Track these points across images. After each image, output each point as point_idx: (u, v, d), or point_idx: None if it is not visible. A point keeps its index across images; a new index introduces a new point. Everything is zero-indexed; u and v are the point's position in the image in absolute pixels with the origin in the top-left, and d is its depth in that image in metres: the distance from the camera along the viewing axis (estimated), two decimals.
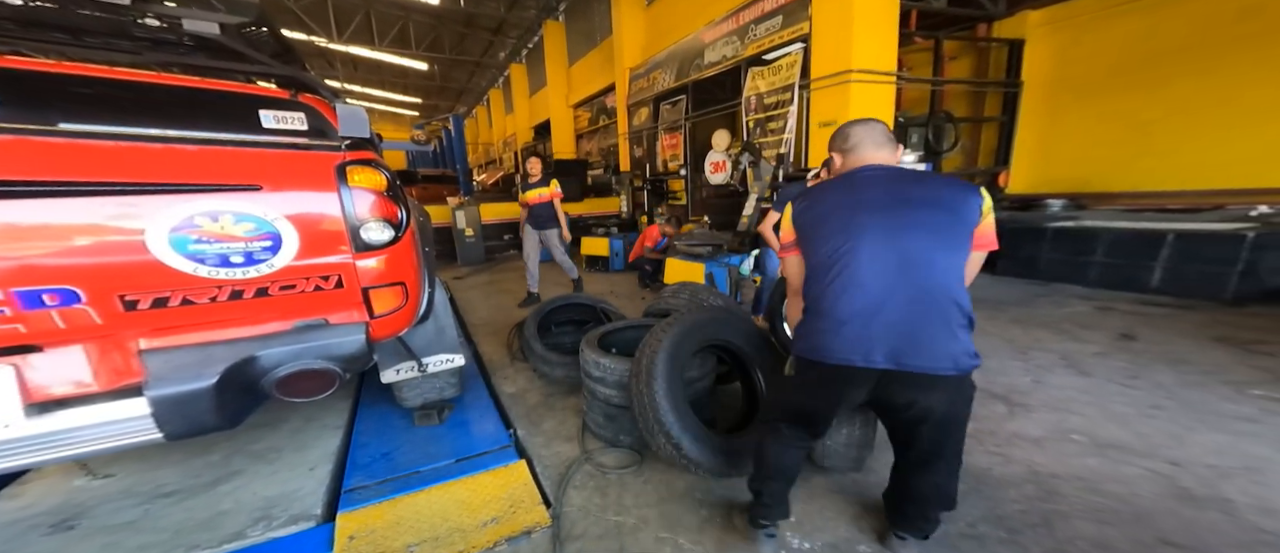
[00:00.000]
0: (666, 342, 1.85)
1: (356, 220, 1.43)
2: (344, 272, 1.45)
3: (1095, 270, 3.91)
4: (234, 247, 1.28)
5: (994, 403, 2.25)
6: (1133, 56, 4.32)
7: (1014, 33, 4.98)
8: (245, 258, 1.30)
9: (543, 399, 2.56)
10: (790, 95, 4.95)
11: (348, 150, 1.45)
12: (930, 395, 1.20)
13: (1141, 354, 2.70)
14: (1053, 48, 4.84)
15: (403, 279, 1.59)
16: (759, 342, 2.08)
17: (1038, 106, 5.02)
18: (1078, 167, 4.83)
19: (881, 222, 1.20)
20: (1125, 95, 4.42)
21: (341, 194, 1.40)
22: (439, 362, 2.19)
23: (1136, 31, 4.27)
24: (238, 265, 1.30)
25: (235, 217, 1.27)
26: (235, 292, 1.32)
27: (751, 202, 4.46)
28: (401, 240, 1.55)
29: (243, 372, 1.31)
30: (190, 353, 1.27)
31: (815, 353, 1.25)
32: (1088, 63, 4.64)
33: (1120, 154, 4.52)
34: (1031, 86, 5.00)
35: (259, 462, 1.96)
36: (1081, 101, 4.76)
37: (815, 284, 1.27)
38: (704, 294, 2.50)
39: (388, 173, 1.53)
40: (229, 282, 1.30)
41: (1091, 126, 4.69)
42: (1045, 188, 4.98)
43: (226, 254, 1.28)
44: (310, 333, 1.42)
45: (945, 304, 1.15)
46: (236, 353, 1.30)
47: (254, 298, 1.34)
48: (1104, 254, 3.84)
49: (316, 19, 11.27)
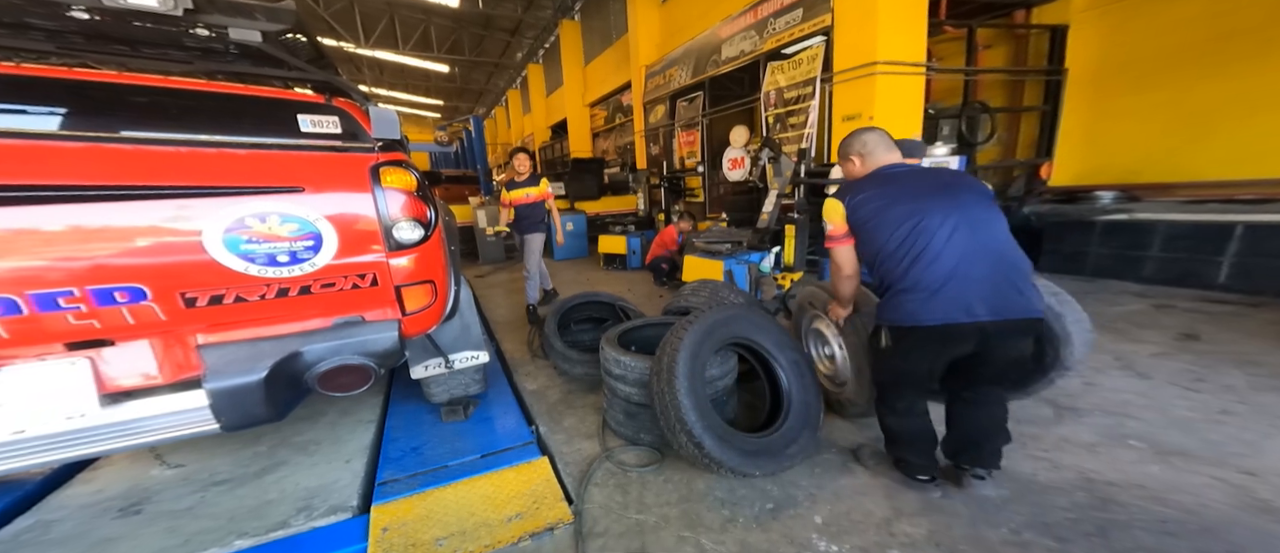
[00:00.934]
0: (688, 340, 1.84)
1: (389, 220, 1.49)
2: (378, 270, 1.51)
3: (1151, 266, 3.66)
4: (280, 246, 1.35)
5: (1039, 406, 2.13)
6: (1192, 39, 3.98)
7: (1056, 18, 4.68)
8: (290, 257, 1.37)
9: (563, 396, 2.59)
10: (811, 89, 4.82)
11: (380, 152, 1.51)
12: (1022, 339, 1.47)
13: (1206, 355, 2.51)
14: (1100, 32, 4.52)
15: (432, 277, 1.64)
16: (782, 340, 2.05)
17: (1083, 95, 4.71)
18: (1128, 156, 4.51)
19: (940, 202, 1.42)
20: (1182, 81, 4.09)
21: (376, 194, 1.47)
22: (465, 358, 2.25)
23: (1195, 13, 3.93)
24: (284, 265, 1.37)
25: (281, 218, 1.34)
26: (282, 289, 1.39)
27: (772, 198, 4.38)
28: (430, 239, 1.61)
29: (289, 366, 1.39)
30: (243, 348, 1.35)
31: (914, 318, 1.42)
32: (1140, 47, 4.32)
33: (1176, 142, 4.20)
34: (1076, 74, 4.69)
35: (301, 454, 2.05)
36: (1132, 88, 4.43)
37: (895, 266, 1.45)
38: (725, 292, 2.47)
39: (417, 173, 1.58)
40: (276, 280, 1.37)
41: (1144, 114, 4.36)
42: (1091, 179, 4.68)
43: (274, 254, 1.35)
44: (348, 329, 1.50)
45: (1018, 259, 1.41)
46: (283, 348, 1.38)
47: (298, 296, 1.42)
48: (1161, 248, 3.59)
49: (345, 25, 11.70)
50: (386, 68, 15.94)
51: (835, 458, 1.88)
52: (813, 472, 1.79)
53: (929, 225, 1.39)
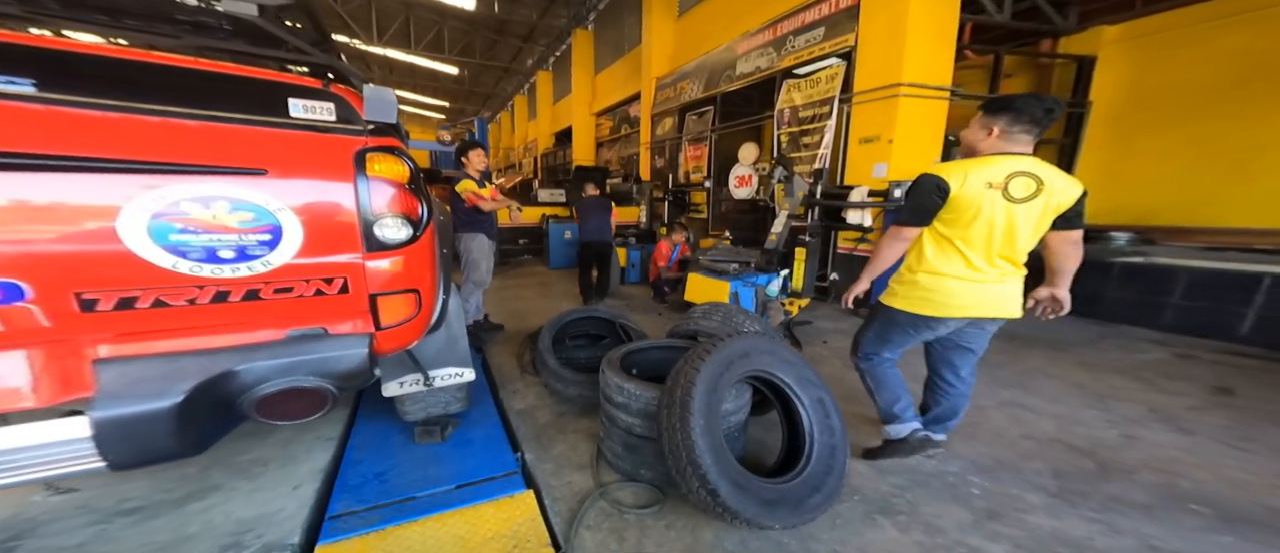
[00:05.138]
0: (705, 372, 1.62)
1: (372, 215, 1.27)
2: (351, 274, 1.28)
3: (1170, 313, 3.51)
4: (225, 240, 1.12)
5: (1078, 457, 1.93)
6: (1223, 78, 3.92)
7: (1084, 49, 4.64)
8: (237, 254, 1.13)
9: (553, 419, 2.36)
10: (829, 109, 4.73)
11: (370, 136, 1.29)
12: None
13: (1245, 411, 2.33)
14: (1128, 67, 4.47)
15: (416, 285, 1.41)
16: (805, 375, 1.83)
17: (1105, 130, 4.64)
18: (1147, 197, 4.42)
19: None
20: (1211, 120, 4.01)
21: (358, 185, 1.25)
22: (448, 375, 2.02)
23: (1230, 50, 3.87)
24: (227, 262, 1.13)
25: (232, 204, 1.11)
26: (220, 293, 1.15)
27: (782, 219, 4.21)
28: (420, 241, 1.38)
29: (217, 388, 1.13)
30: (155, 365, 1.07)
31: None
32: (1168, 84, 4.26)
33: (1200, 185, 4.11)
34: (1100, 108, 4.63)
35: (240, 476, 1.78)
36: (1157, 126, 4.37)
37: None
38: (739, 318, 2.26)
39: (411, 164, 1.36)
40: (213, 281, 1.13)
41: (1167, 154, 4.28)
42: (1107, 219, 4.58)
43: (215, 248, 1.11)
44: (305, 344, 1.24)
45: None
46: (212, 366, 1.11)
47: (242, 302, 1.17)
48: (1182, 296, 3.45)
49: (360, 21, 11.67)
50: (396, 66, 15.90)
51: (859, 509, 1.66)
52: (835, 524, 1.58)
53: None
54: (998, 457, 1.95)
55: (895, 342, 1.78)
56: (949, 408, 1.86)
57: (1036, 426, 2.20)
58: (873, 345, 1.85)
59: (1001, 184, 1.43)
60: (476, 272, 3.37)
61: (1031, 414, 2.31)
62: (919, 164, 4.06)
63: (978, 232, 1.48)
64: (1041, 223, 1.49)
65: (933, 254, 1.59)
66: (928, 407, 1.90)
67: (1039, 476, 1.82)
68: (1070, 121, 4.81)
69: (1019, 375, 2.83)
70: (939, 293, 1.59)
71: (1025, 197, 1.43)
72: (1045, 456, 1.95)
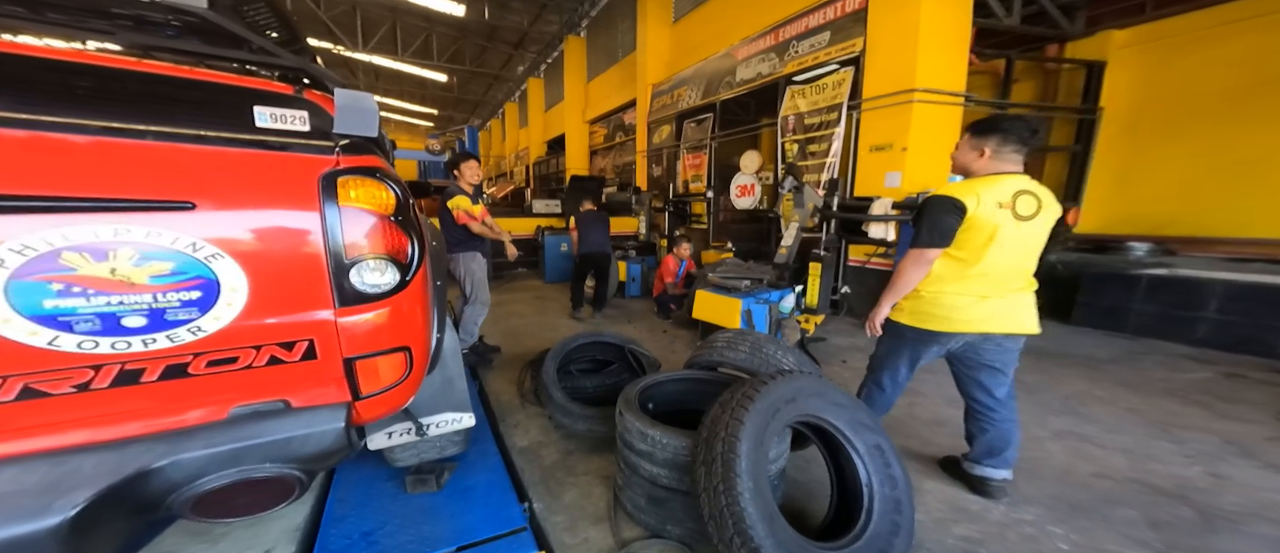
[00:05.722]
0: (749, 424, 1.37)
1: (346, 257, 0.97)
2: (319, 335, 0.98)
3: (1204, 328, 3.37)
4: (132, 301, 0.82)
5: (1170, 503, 1.71)
6: (1238, 83, 3.84)
7: (1093, 54, 4.55)
8: (150, 319, 0.83)
9: (561, 457, 2.12)
10: (837, 116, 4.57)
11: (342, 154, 1.00)
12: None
13: None
14: (1140, 71, 4.38)
15: (407, 343, 1.11)
16: (859, 418, 1.58)
17: (1117, 137, 4.55)
18: (1163, 206, 4.33)
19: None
20: (1228, 126, 3.93)
21: (326, 217, 0.95)
22: (444, 422, 1.73)
23: (1247, 54, 3.79)
24: (136, 331, 0.83)
25: (140, 253, 0.81)
26: (127, 373, 0.84)
27: (793, 231, 4.00)
28: (410, 285, 1.08)
29: (130, 493, 0.81)
30: (31, 471, 0.76)
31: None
32: (1183, 89, 4.16)
33: (1217, 193, 4.02)
34: (1111, 114, 4.55)
35: (199, 539, 1.48)
36: (1172, 133, 4.27)
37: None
38: (770, 349, 2.00)
39: (399, 188, 1.06)
40: (116, 359, 0.83)
41: (1183, 161, 4.20)
42: (1122, 228, 4.48)
43: (117, 314, 0.81)
44: (257, 424, 0.94)
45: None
46: (122, 465, 0.80)
47: (161, 381, 0.87)
48: (1218, 310, 3.31)
49: (345, 28, 11.35)
50: (382, 73, 15.54)
51: None
52: None
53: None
54: (1074, 501, 1.72)
55: (904, 358, 1.75)
56: (998, 437, 1.72)
57: (1107, 462, 1.98)
58: (887, 364, 1.82)
59: (1010, 203, 1.47)
60: (483, 292, 3.11)
61: (1096, 448, 2.10)
62: (935, 171, 3.90)
63: (994, 251, 1.49)
64: (1044, 238, 1.55)
65: (939, 271, 1.59)
66: (972, 436, 1.79)
67: (1132, 526, 1.59)
68: (1082, 128, 4.73)
69: (1066, 400, 2.63)
70: (941, 308, 1.60)
71: (1030, 214, 1.48)
72: (1130, 500, 1.73)
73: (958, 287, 1.56)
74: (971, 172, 1.57)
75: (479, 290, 3.09)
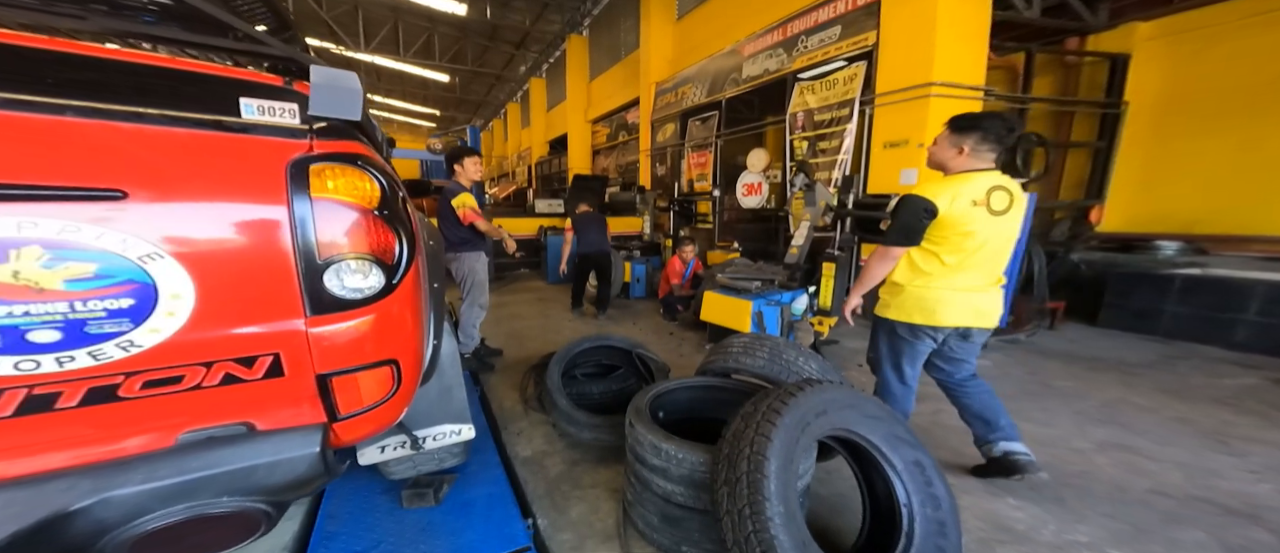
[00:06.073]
0: (778, 441, 1.22)
1: (320, 257, 0.82)
2: (286, 348, 0.83)
3: (1244, 331, 3.20)
4: (41, 312, 0.67)
5: (1242, 525, 1.54)
6: (1271, 75, 3.66)
7: (1116, 47, 4.38)
8: (66, 334, 0.68)
9: (566, 468, 2.00)
10: (848, 112, 4.42)
11: (317, 138, 0.85)
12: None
13: None
14: (1167, 64, 4.20)
15: (395, 355, 0.96)
16: (896, 432, 1.43)
17: (1142, 132, 4.38)
18: (1191, 203, 4.15)
19: None
20: (1261, 120, 3.75)
21: (295, 209, 0.80)
22: (442, 435, 1.61)
23: (1276, 46, 3.62)
24: (47, 349, 0.68)
25: (52, 252, 0.66)
26: (35, 400, 0.69)
27: (804, 230, 3.86)
28: (398, 289, 0.93)
29: (45, 540, 0.67)
30: None
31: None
32: (1213, 82, 3.98)
33: (1250, 190, 3.83)
34: (1136, 109, 4.37)
35: None
36: (1201, 127, 4.09)
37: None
38: (790, 355, 1.85)
39: (384, 177, 0.92)
40: (18, 382, 0.68)
41: (1213, 157, 4.01)
42: (1146, 227, 4.30)
43: (20, 327, 0.66)
44: (212, 451, 0.79)
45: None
46: (32, 507, 0.66)
47: (84, 407, 0.72)
48: (1259, 312, 3.13)
49: (346, 28, 11.30)
50: (384, 74, 15.49)
51: None
52: None
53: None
54: (1135, 521, 1.56)
55: (903, 355, 1.77)
56: (981, 406, 1.77)
57: (1162, 477, 1.82)
58: (888, 363, 1.83)
59: (984, 200, 1.51)
60: (482, 295, 2.99)
61: (1148, 461, 1.94)
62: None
63: (970, 247, 1.54)
64: (1017, 232, 1.61)
65: (922, 265, 1.64)
66: (969, 422, 1.83)
67: (1204, 551, 1.43)
68: (1104, 124, 4.56)
69: (1105, 408, 2.46)
70: (928, 303, 1.64)
71: (1003, 209, 1.53)
72: (1196, 521, 1.57)
73: (943, 281, 1.61)
74: (948, 168, 1.61)
75: (478, 292, 2.97)
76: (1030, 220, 3.27)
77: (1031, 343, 3.53)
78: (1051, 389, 2.75)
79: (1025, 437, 1.73)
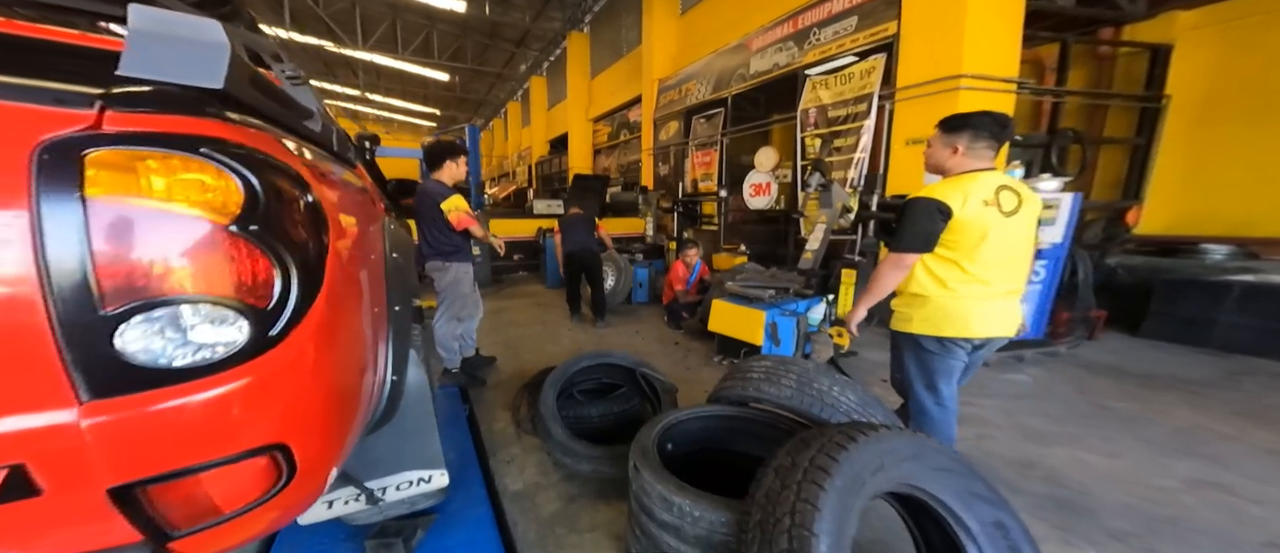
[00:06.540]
0: (828, 507, 0.96)
1: (103, 305, 0.51)
2: (35, 454, 0.50)
3: None
4: None
5: None
6: None
7: (1156, 37, 4.08)
8: None
9: (562, 505, 1.77)
10: (866, 107, 4.14)
11: (112, 109, 0.51)
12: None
13: None
14: (1212, 56, 3.90)
15: (282, 437, 0.63)
16: (970, 487, 1.15)
17: (1186, 128, 4.07)
18: (1241, 204, 3.84)
19: None
20: None
21: (44, 223, 0.48)
22: (406, 483, 1.36)
23: None
24: None
25: None
26: None
27: (818, 233, 3.57)
28: (292, 338, 0.61)
29: None
30: None
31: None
32: (1261, 75, 3.68)
33: None
34: (1179, 103, 4.07)
35: None
36: (1250, 123, 3.78)
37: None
38: (823, 383, 1.55)
39: (255, 174, 0.58)
40: None
41: (1266, 155, 3.71)
42: (1190, 229, 4.00)
43: None
44: None
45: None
46: None
47: None
48: None
49: (344, 26, 11.11)
50: (384, 73, 15.32)
51: None
52: None
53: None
54: None
55: (937, 372, 1.63)
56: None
57: (1273, 527, 1.53)
58: (920, 383, 1.66)
59: (994, 200, 1.45)
60: (465, 308, 2.72)
61: (1253, 505, 1.65)
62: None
63: (987, 250, 1.47)
64: (1032, 236, 1.55)
65: (941, 273, 1.54)
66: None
67: None
68: (1145, 118, 4.25)
69: (1179, 436, 2.17)
70: (959, 313, 1.54)
71: (1012, 209, 1.47)
72: None
73: (969, 289, 1.52)
74: (947, 170, 1.55)
75: (459, 304, 2.68)
76: (1073, 223, 3.00)
77: (1073, 355, 3.23)
78: (1108, 411, 2.45)
79: (1091, 470, 1.47)
